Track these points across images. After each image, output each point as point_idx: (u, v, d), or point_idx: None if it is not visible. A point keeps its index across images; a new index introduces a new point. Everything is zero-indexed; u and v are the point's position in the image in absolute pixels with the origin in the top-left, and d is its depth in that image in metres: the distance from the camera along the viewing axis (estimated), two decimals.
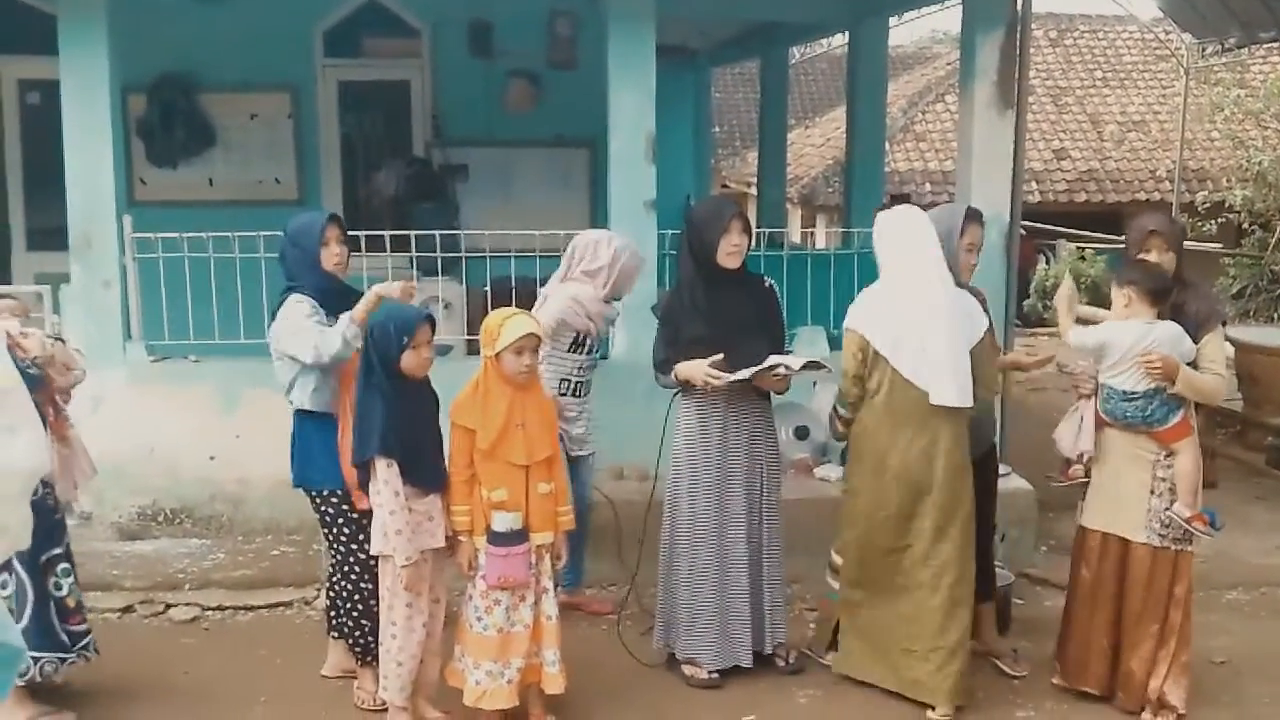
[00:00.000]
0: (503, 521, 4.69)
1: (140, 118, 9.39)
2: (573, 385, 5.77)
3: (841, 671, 5.42)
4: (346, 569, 5.05)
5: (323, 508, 5.06)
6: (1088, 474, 5.14)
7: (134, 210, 7.06)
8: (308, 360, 4.90)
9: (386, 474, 4.61)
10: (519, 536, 4.71)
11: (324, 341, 4.86)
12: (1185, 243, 5.24)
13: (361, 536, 4.87)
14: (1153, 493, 4.96)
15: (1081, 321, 5.24)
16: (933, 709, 5.08)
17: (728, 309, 5.25)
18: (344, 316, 4.90)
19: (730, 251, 5.23)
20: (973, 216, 5.39)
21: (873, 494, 5.16)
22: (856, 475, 5.26)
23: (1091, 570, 5.12)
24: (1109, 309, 5.19)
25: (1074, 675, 5.24)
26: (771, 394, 5.40)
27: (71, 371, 5.13)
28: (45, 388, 4.85)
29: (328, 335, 4.87)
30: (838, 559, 5.43)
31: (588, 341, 5.77)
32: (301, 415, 5.08)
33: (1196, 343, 4.94)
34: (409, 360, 4.66)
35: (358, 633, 5.09)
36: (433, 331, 4.75)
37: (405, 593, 4.72)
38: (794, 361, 5.24)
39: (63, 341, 5.23)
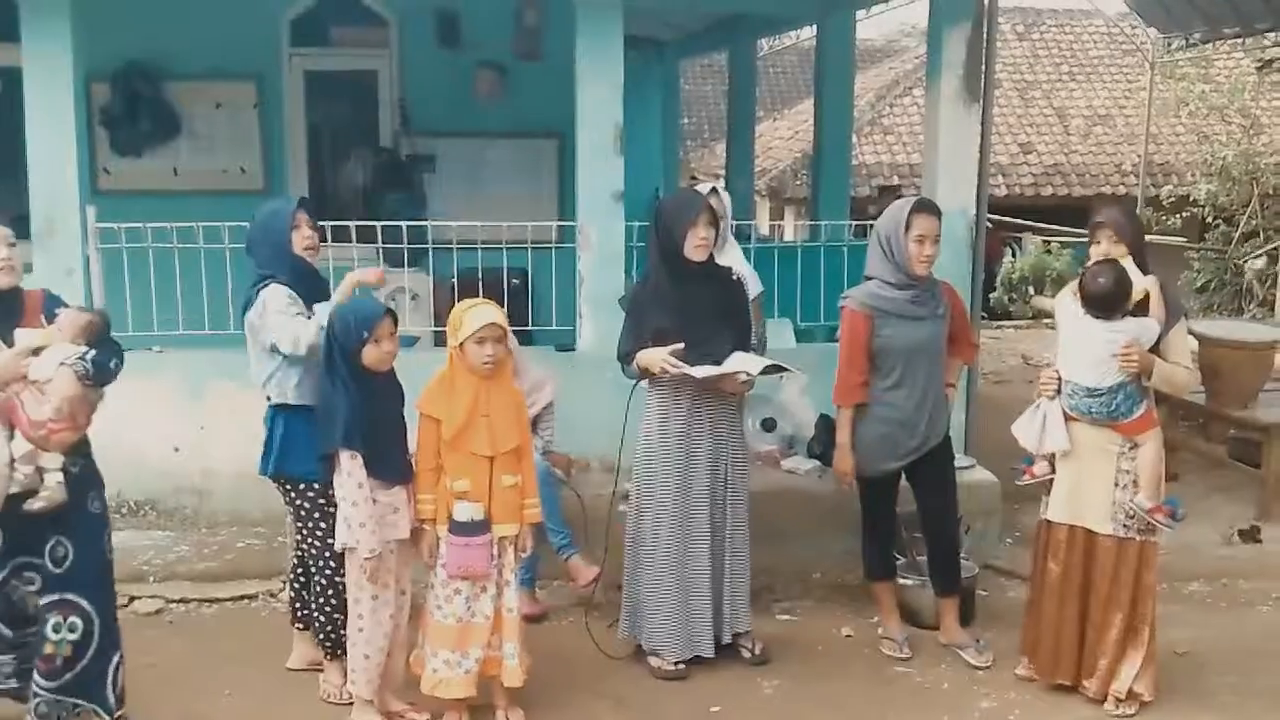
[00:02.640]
0: (464, 511, 4.68)
1: (104, 106, 9.28)
2: None
3: None
4: (322, 563, 5.01)
5: (298, 501, 5.01)
6: (1053, 470, 5.17)
7: (97, 199, 6.99)
8: (286, 351, 4.83)
9: (350, 466, 4.60)
10: (480, 527, 4.70)
11: (304, 332, 4.79)
12: (1150, 236, 5.28)
13: None
14: (1117, 485, 5.01)
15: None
16: None
17: (694, 302, 5.26)
18: (320, 308, 4.85)
19: (697, 244, 5.23)
20: (920, 208, 5.38)
21: None
22: None
23: (1059, 563, 5.15)
24: None
25: (1047, 670, 5.26)
26: None
27: (47, 403, 4.26)
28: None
29: (307, 326, 4.81)
30: None
31: None
32: (281, 409, 5.00)
33: (1160, 337, 4.99)
34: (370, 354, 4.65)
35: (329, 626, 5.06)
36: (395, 325, 4.73)
37: (371, 585, 4.71)
38: (754, 366, 5.24)
39: (80, 375, 4.30)
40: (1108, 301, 4.91)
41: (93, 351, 4.36)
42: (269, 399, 5.04)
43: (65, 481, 4.33)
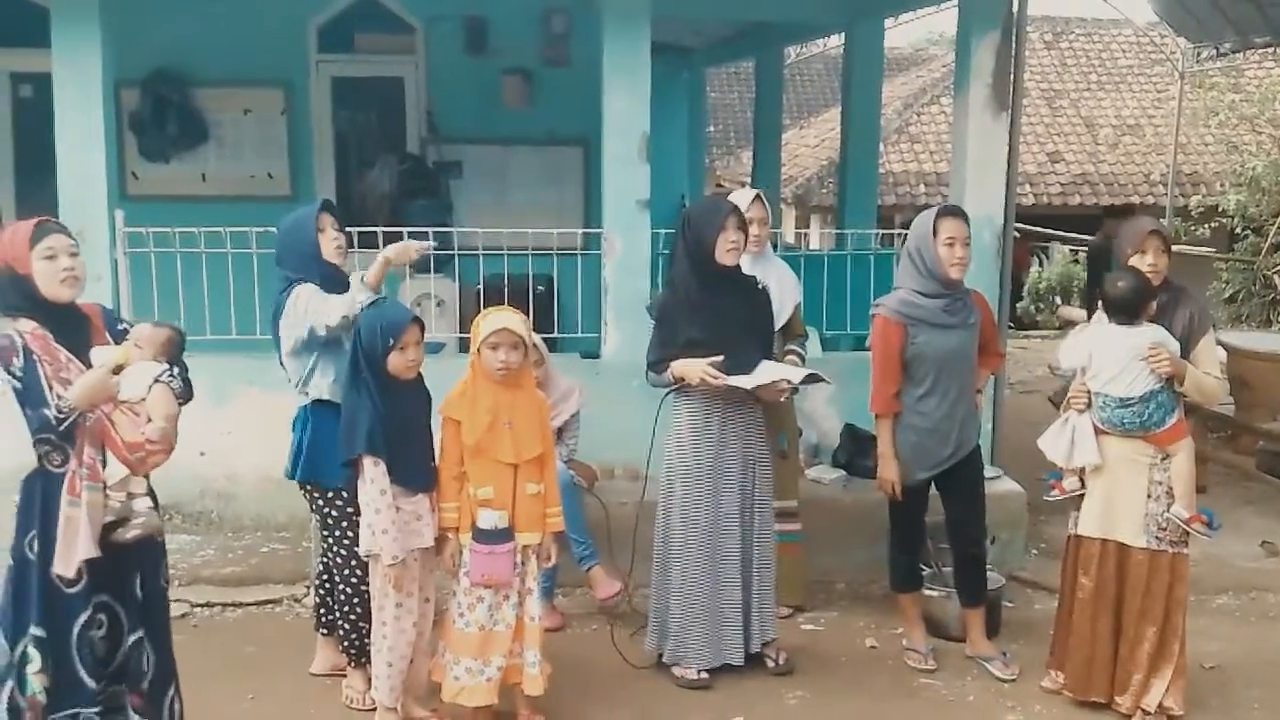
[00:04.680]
0: (488, 519, 4.68)
1: (133, 112, 9.35)
2: None
3: None
4: (347, 571, 5.00)
5: (326, 508, 5.00)
6: (1083, 485, 5.13)
7: (126, 204, 7.03)
8: (332, 323, 4.74)
9: (373, 473, 4.60)
10: (504, 535, 4.69)
11: (343, 302, 4.74)
12: (1178, 246, 5.25)
13: None
14: (1150, 496, 4.96)
15: (1070, 323, 5.27)
16: None
17: (724, 310, 5.24)
18: (355, 277, 4.79)
19: (729, 248, 5.22)
20: (945, 213, 5.34)
21: None
22: None
23: (1092, 578, 5.10)
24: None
25: (1081, 687, 5.20)
26: None
27: (149, 423, 4.00)
28: (83, 429, 3.88)
29: (345, 296, 4.76)
30: None
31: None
32: (319, 407, 4.94)
33: (1190, 347, 4.96)
34: (395, 361, 4.64)
35: (353, 633, 5.06)
36: (421, 333, 4.72)
37: (395, 592, 4.71)
38: (795, 375, 5.25)
39: (173, 388, 4.07)
40: (1131, 303, 4.88)
41: (177, 368, 4.12)
42: (306, 395, 4.97)
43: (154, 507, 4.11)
